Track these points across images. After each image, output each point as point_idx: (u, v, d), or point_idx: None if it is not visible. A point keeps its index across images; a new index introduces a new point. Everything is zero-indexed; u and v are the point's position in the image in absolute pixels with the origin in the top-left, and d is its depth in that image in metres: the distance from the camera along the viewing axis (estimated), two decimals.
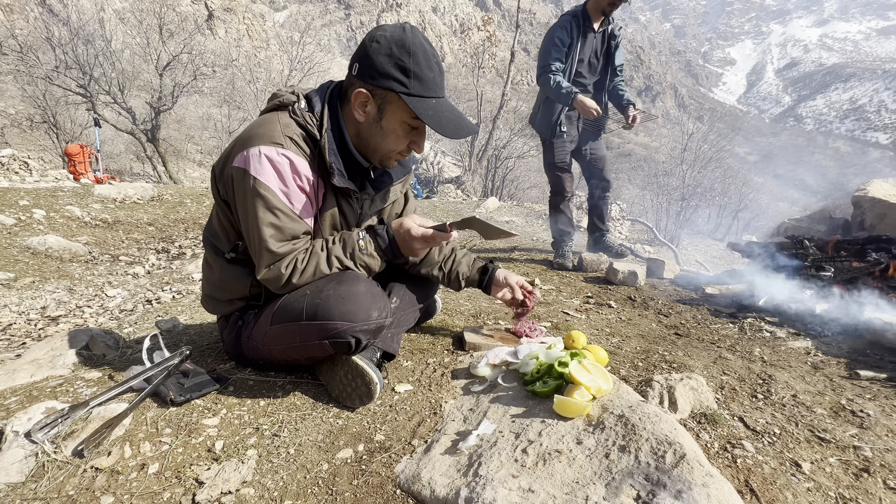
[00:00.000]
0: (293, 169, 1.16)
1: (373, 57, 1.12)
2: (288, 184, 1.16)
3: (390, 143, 1.22)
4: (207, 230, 1.38)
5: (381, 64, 1.12)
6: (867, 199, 2.71)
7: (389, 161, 1.28)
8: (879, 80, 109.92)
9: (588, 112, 2.99)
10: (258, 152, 1.14)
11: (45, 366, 1.48)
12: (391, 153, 1.25)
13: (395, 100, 1.15)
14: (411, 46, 1.12)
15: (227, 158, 1.22)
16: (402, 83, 1.12)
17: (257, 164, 1.14)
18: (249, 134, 1.19)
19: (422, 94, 1.14)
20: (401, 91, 1.13)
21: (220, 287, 1.36)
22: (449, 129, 1.15)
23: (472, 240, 4.71)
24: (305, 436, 1.13)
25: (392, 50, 1.11)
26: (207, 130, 21.20)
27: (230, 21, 43.38)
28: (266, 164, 1.14)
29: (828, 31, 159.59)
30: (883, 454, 1.16)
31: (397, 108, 1.16)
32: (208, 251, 1.37)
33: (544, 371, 1.23)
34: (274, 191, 1.15)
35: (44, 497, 0.91)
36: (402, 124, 1.19)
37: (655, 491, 0.80)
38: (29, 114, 15.93)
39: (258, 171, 1.14)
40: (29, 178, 7.51)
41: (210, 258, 1.37)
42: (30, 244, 4.04)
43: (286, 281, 1.21)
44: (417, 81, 1.13)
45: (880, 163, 72.54)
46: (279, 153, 1.14)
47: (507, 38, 16.41)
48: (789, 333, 2.09)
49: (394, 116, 1.17)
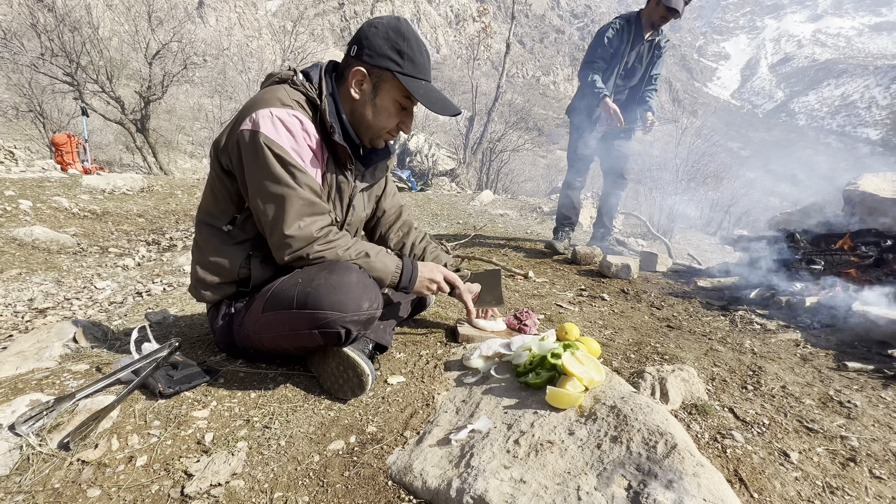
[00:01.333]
0: (303, 127, 1.21)
1: (371, 39, 1.22)
2: (299, 142, 1.21)
3: (382, 120, 1.30)
4: (201, 212, 1.36)
5: (379, 45, 1.22)
6: (857, 193, 2.74)
7: (379, 140, 1.37)
8: (871, 76, 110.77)
9: (611, 117, 3.13)
10: (269, 113, 1.18)
11: (30, 358, 1.45)
12: (382, 131, 1.33)
13: (390, 79, 1.24)
14: (406, 32, 1.23)
15: (232, 127, 1.24)
16: (398, 63, 1.22)
17: (269, 124, 1.17)
18: (256, 100, 1.22)
19: (414, 75, 1.25)
20: (396, 70, 1.22)
21: (210, 270, 1.32)
22: (437, 107, 1.26)
23: (468, 233, 4.70)
24: (297, 428, 1.12)
25: (389, 34, 1.22)
26: (199, 121, 20.88)
27: (221, 9, 42.59)
28: (278, 123, 1.18)
29: (821, 27, 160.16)
30: (869, 444, 1.18)
31: (391, 87, 1.26)
32: (201, 232, 1.34)
33: (537, 362, 1.23)
34: (286, 148, 1.18)
35: (29, 490, 0.89)
36: (394, 102, 1.28)
37: (647, 481, 0.80)
38: (14, 102, 15.55)
39: (270, 131, 1.17)
40: (15, 167, 7.35)
41: (202, 239, 1.34)
42: (16, 235, 3.96)
43: (311, 243, 1.21)
44: (410, 63, 1.23)
45: (870, 158, 73.39)
46: (289, 113, 1.19)
47: (503, 30, 16.27)
48: (779, 326, 2.11)
49: (388, 95, 1.27)
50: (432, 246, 1.72)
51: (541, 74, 77.59)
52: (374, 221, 1.66)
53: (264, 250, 1.31)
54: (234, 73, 20.92)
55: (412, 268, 1.38)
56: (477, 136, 14.71)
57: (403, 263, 1.36)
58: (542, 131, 45.98)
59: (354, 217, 1.45)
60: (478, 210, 6.67)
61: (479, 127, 14.65)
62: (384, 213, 1.64)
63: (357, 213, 1.45)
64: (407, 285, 1.36)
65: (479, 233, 4.64)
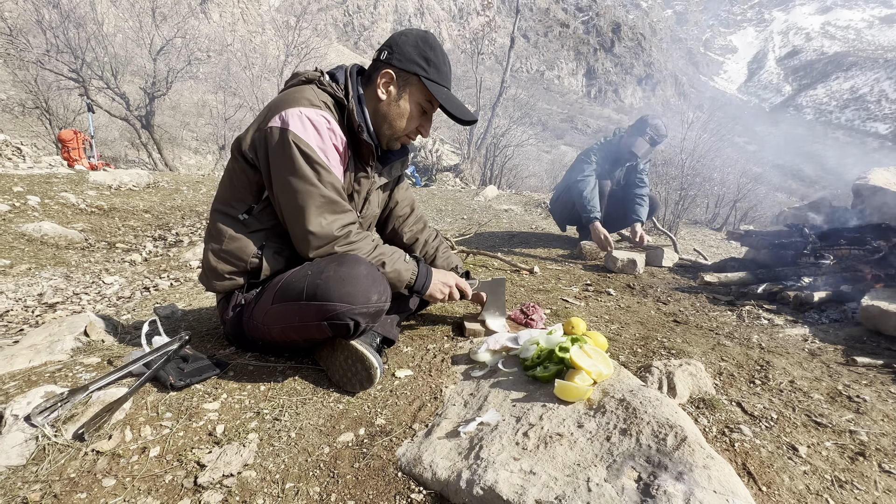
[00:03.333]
0: (329, 127, 1.26)
1: (401, 45, 1.33)
2: (325, 141, 1.26)
3: (404, 122, 1.38)
4: (217, 201, 1.38)
5: (408, 52, 1.32)
6: (868, 188, 2.71)
7: (396, 142, 1.44)
8: (881, 69, 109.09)
9: (600, 243, 3.25)
10: (299, 112, 1.22)
11: (43, 351, 1.47)
12: (402, 132, 1.40)
13: (416, 82, 1.34)
14: (433, 43, 1.35)
15: (260, 123, 1.28)
16: (424, 69, 1.33)
17: (298, 123, 1.22)
18: (284, 98, 1.27)
19: (438, 81, 1.35)
20: (422, 75, 1.33)
21: (223, 258, 1.33)
22: (459, 112, 1.36)
23: (472, 228, 4.70)
24: (306, 420, 1.13)
25: (418, 42, 1.33)
26: (203, 117, 20.91)
27: (224, 5, 42.55)
28: (307, 122, 1.23)
29: (830, 19, 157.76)
30: (878, 438, 1.18)
31: (416, 90, 1.35)
32: (216, 220, 1.35)
33: (545, 356, 1.23)
34: (313, 147, 1.23)
35: (45, 479, 0.91)
36: (416, 105, 1.37)
37: (657, 472, 0.80)
38: (20, 99, 15.63)
39: (299, 129, 1.21)
40: (22, 164, 7.41)
41: (216, 228, 1.35)
42: (25, 231, 4.00)
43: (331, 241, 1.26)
44: (436, 70, 1.34)
45: (879, 153, 72.45)
46: (318, 113, 1.25)
47: (507, 24, 16.14)
48: (787, 321, 2.10)
49: (412, 97, 1.36)
50: (444, 246, 1.78)
51: (545, 69, 77.05)
52: (387, 213, 1.70)
53: (277, 242, 1.34)
54: (238, 68, 20.92)
55: (427, 274, 1.44)
56: (481, 131, 14.65)
57: (419, 271, 1.42)
58: (547, 126, 45.76)
59: (369, 212, 1.52)
60: (482, 205, 6.66)
61: (484, 122, 14.58)
62: (396, 203, 1.69)
63: (372, 208, 1.52)
64: (420, 290, 1.44)
65: (484, 228, 4.64)
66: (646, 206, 3.52)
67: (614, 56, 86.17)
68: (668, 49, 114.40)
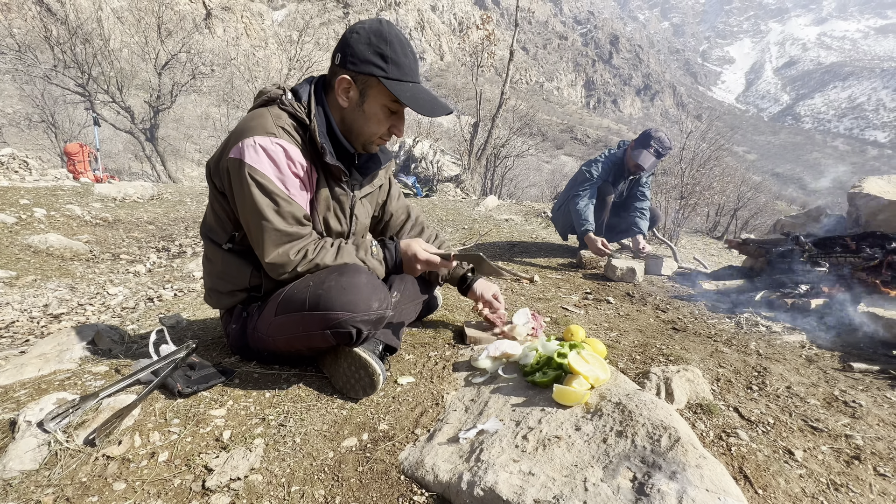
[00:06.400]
0: (287, 156, 1.22)
1: (353, 46, 1.22)
2: (283, 170, 1.22)
3: (372, 126, 1.30)
4: (204, 226, 1.42)
5: (362, 51, 1.21)
6: (862, 196, 2.74)
7: (372, 146, 1.37)
8: (878, 78, 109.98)
9: (596, 251, 3.32)
10: (253, 142, 1.19)
11: (52, 360, 1.50)
12: (373, 136, 1.33)
13: (376, 84, 1.23)
14: (388, 36, 1.22)
15: (222, 152, 1.27)
16: (381, 68, 1.21)
17: (253, 154, 1.19)
18: (243, 127, 1.24)
19: (399, 79, 1.23)
20: (380, 75, 1.21)
21: (222, 279, 1.38)
22: (425, 109, 1.24)
23: (473, 238, 4.74)
24: (311, 425, 1.15)
25: (371, 39, 1.21)
26: (206, 129, 21.16)
27: (228, 20, 43.28)
28: (261, 153, 1.19)
29: (826, 30, 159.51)
30: (874, 442, 1.19)
31: (377, 93, 1.25)
32: (207, 245, 1.40)
33: (544, 362, 1.26)
34: (270, 178, 1.20)
35: (58, 484, 0.93)
36: (382, 107, 1.27)
37: (651, 472, 0.83)
38: (27, 113, 15.88)
39: (254, 160, 1.19)
40: (28, 177, 7.50)
41: (209, 252, 1.40)
42: (31, 243, 4.05)
43: (293, 268, 1.25)
44: (395, 66, 1.22)
45: (878, 161, 72.59)
46: (273, 142, 1.20)
47: (506, 37, 16.37)
48: (784, 328, 2.12)
49: (375, 101, 1.26)
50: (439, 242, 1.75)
51: (544, 80, 77.89)
52: (383, 226, 1.69)
53: None
54: (241, 82, 21.24)
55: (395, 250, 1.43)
56: (481, 142, 14.78)
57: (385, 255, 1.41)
58: (547, 136, 46.07)
59: (359, 226, 1.49)
60: (483, 215, 6.71)
61: (484, 133, 14.72)
62: (392, 216, 1.68)
63: (361, 221, 1.49)
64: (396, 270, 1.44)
65: (485, 238, 4.68)
66: (646, 219, 3.59)
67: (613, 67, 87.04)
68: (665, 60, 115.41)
